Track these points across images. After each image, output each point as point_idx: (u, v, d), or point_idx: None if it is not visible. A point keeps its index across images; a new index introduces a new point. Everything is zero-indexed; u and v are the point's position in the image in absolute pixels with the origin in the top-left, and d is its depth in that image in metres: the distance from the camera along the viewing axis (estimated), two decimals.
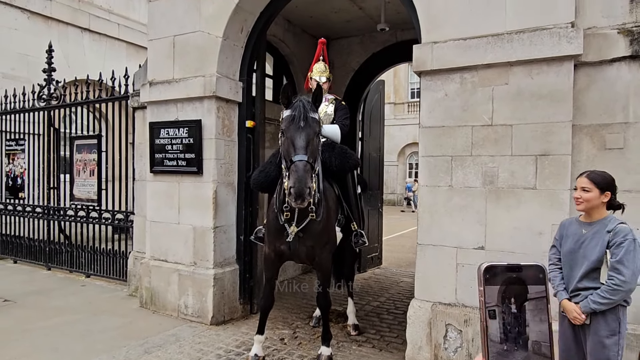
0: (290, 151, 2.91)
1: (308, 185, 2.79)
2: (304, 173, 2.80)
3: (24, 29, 8.90)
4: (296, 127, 2.96)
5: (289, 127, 2.98)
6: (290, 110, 3.03)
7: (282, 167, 3.05)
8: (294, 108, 3.02)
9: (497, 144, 3.20)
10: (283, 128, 3.01)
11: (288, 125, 2.98)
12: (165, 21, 4.89)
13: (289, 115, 3.02)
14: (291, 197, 2.78)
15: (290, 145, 2.92)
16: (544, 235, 3.05)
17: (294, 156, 2.86)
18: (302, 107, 3.01)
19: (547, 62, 3.05)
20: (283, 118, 3.09)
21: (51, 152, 7.08)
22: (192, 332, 4.37)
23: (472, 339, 3.22)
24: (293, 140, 2.92)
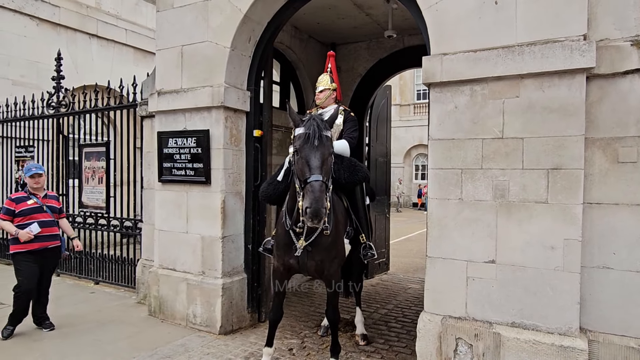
0: (305, 171, 2.88)
1: (324, 205, 2.80)
2: (320, 194, 2.80)
3: (33, 36, 8.97)
4: (311, 147, 2.93)
5: (303, 147, 2.94)
6: (304, 128, 2.99)
7: (296, 185, 3.02)
8: (307, 126, 2.99)
9: (508, 158, 3.17)
10: (297, 147, 2.97)
11: (302, 144, 2.95)
12: (173, 31, 4.90)
13: (302, 133, 2.98)
14: (307, 217, 2.77)
15: (305, 165, 2.90)
16: (556, 250, 3.02)
17: (310, 176, 2.84)
18: (316, 126, 2.98)
19: (558, 75, 3.01)
20: (296, 136, 3.06)
21: (60, 158, 7.13)
22: (200, 342, 4.37)
23: (482, 354, 3.20)
24: (308, 160, 2.91)
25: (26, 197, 4.52)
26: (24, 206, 4.46)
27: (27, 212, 4.44)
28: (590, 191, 3.06)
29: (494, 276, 3.22)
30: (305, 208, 2.77)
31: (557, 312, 3.02)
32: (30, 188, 4.55)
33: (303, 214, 2.82)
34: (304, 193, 2.84)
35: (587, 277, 3.06)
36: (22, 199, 4.51)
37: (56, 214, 4.70)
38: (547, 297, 3.05)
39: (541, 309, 3.07)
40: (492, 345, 3.17)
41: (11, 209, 4.43)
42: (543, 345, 3.00)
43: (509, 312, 3.17)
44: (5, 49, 8.52)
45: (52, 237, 4.55)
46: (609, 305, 3.03)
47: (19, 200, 4.48)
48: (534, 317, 3.09)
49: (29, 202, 4.49)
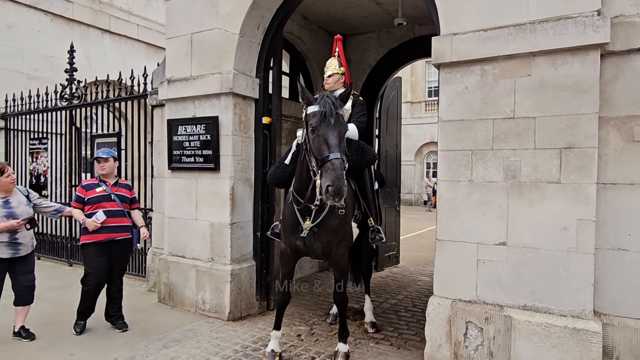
0: (324, 149, 2.81)
1: (345, 183, 2.74)
2: (341, 171, 2.74)
3: (47, 31, 9.11)
4: (328, 125, 2.86)
5: (320, 125, 2.86)
6: (318, 106, 2.92)
7: (312, 164, 2.91)
8: (322, 104, 2.91)
9: (520, 137, 3.11)
10: (314, 125, 2.88)
11: (319, 122, 2.86)
12: (182, 19, 4.93)
13: (317, 111, 2.90)
14: (329, 194, 2.69)
15: (324, 143, 2.82)
16: (569, 230, 2.95)
17: (330, 154, 2.77)
18: (332, 104, 2.92)
19: (571, 52, 2.95)
20: (310, 114, 2.97)
21: (73, 150, 7.22)
22: (209, 327, 4.38)
23: (493, 337, 3.14)
24: (326, 138, 2.83)
25: (96, 184, 4.22)
26: (93, 194, 4.15)
27: (95, 200, 4.13)
28: (605, 171, 2.99)
29: (504, 258, 3.16)
30: (327, 186, 2.69)
31: (570, 294, 2.96)
32: (98, 174, 4.27)
33: (324, 192, 2.72)
34: (323, 171, 2.76)
35: (601, 258, 2.99)
36: (92, 186, 4.21)
37: (126, 203, 4.32)
38: (560, 279, 2.98)
39: (553, 291, 3.01)
40: (503, 328, 3.11)
41: (81, 197, 4.15)
42: (555, 328, 2.94)
43: (520, 295, 3.11)
44: (19, 44, 8.67)
45: (119, 228, 4.18)
46: (624, 287, 2.96)
47: (88, 187, 4.20)
48: (546, 299, 3.03)
49: (97, 189, 4.18)
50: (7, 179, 3.89)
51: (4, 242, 3.82)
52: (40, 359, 3.67)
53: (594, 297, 2.94)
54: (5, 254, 3.83)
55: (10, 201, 3.94)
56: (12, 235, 3.85)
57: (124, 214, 4.24)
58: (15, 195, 4.01)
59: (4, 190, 3.93)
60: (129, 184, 4.56)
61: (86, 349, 3.85)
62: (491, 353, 3.15)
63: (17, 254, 3.90)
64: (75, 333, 4.13)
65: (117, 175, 4.44)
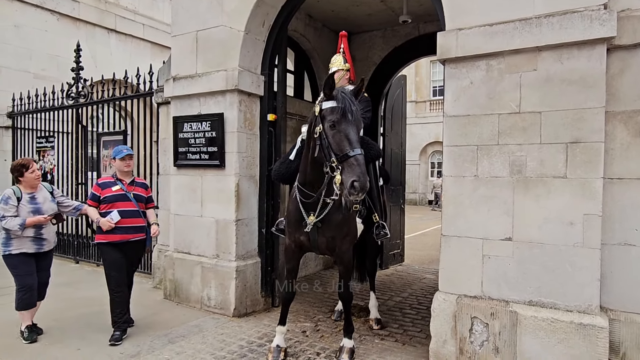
0: (345, 145, 2.81)
1: (368, 178, 2.78)
2: (364, 167, 2.78)
3: (53, 31, 9.17)
4: (348, 121, 2.88)
5: (340, 121, 2.86)
6: (335, 102, 2.92)
7: (332, 160, 2.87)
8: (339, 100, 2.91)
9: (525, 132, 3.10)
10: (334, 120, 2.88)
11: (340, 118, 2.87)
12: (188, 17, 4.95)
13: (335, 107, 2.90)
14: (354, 190, 2.70)
15: (345, 139, 2.83)
16: (575, 225, 2.94)
17: (352, 150, 2.79)
18: (349, 100, 2.93)
19: (578, 46, 2.93)
20: (326, 108, 2.96)
21: (79, 149, 7.27)
22: (214, 323, 4.40)
23: (499, 333, 3.13)
24: (347, 134, 2.85)
25: (112, 183, 4.06)
26: (108, 192, 4.00)
27: (110, 199, 3.98)
28: (611, 166, 2.97)
29: (510, 254, 3.15)
30: (352, 182, 2.69)
31: (576, 290, 2.95)
32: (119, 172, 4.09)
33: (348, 187, 2.72)
34: (346, 167, 2.76)
35: (608, 254, 2.97)
36: (108, 184, 4.06)
37: (142, 203, 4.14)
38: (566, 274, 2.97)
39: (559, 286, 2.99)
40: (508, 324, 3.10)
41: (97, 195, 4.01)
42: (561, 324, 2.92)
43: (526, 290, 3.10)
44: (26, 43, 8.74)
45: (134, 229, 4.01)
46: (630, 283, 2.94)
47: (104, 186, 4.05)
48: (552, 294, 3.02)
49: (113, 188, 4.02)
50: (32, 175, 3.90)
51: (30, 237, 3.86)
52: (47, 353, 3.70)
53: (600, 292, 2.92)
54: (30, 249, 3.88)
55: (37, 197, 3.96)
56: (37, 231, 3.89)
57: (140, 214, 4.08)
58: (40, 191, 4.03)
59: (30, 186, 3.95)
60: (145, 183, 4.40)
61: (92, 343, 3.88)
62: (497, 348, 3.14)
63: (41, 249, 3.94)
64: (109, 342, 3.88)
65: (133, 174, 4.29)
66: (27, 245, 3.87)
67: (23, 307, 3.92)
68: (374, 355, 3.70)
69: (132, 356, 3.62)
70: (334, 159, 2.83)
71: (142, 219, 4.12)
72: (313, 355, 3.67)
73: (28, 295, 3.91)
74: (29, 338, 3.90)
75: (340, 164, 2.80)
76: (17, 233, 3.79)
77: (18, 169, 3.90)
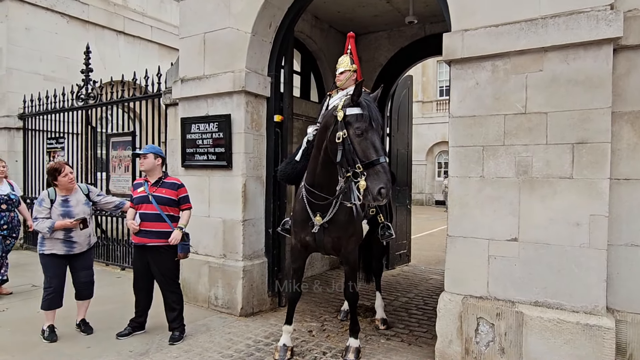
0: (371, 152, 2.89)
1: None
2: (389, 174, 2.90)
3: (63, 33, 9.30)
4: (373, 128, 2.96)
5: (367, 129, 2.94)
6: (361, 108, 2.98)
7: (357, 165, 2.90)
8: (364, 107, 2.97)
9: (531, 133, 3.10)
10: (361, 128, 2.94)
11: (367, 126, 2.94)
12: (195, 19, 5.01)
13: (361, 114, 2.96)
14: (380, 196, 2.80)
15: (371, 147, 2.90)
16: (582, 226, 2.94)
17: (378, 157, 2.87)
18: (374, 108, 3.01)
19: (584, 46, 2.93)
20: (352, 115, 2.99)
21: (88, 149, 7.37)
22: (222, 322, 4.44)
23: (504, 333, 3.14)
24: (373, 142, 2.92)
25: (140, 184, 3.99)
26: (136, 194, 3.95)
27: (137, 201, 3.90)
28: (618, 166, 2.97)
29: (516, 254, 3.16)
30: (380, 189, 2.79)
31: (582, 290, 2.94)
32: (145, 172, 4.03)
33: (374, 193, 2.81)
34: (372, 174, 2.84)
35: (615, 255, 2.96)
36: (137, 185, 4.01)
37: (164, 205, 3.85)
38: (572, 275, 2.97)
39: (565, 287, 2.99)
40: (514, 324, 3.11)
41: (132, 195, 4.00)
42: (568, 324, 2.92)
43: (532, 291, 3.10)
44: (37, 45, 8.87)
45: (153, 234, 3.80)
46: (638, 284, 2.93)
47: (136, 186, 4.04)
48: (558, 295, 3.02)
49: (139, 189, 3.95)
50: (65, 179, 3.92)
51: (59, 239, 3.91)
52: (57, 350, 3.76)
53: (607, 293, 2.92)
54: (60, 251, 3.93)
55: (70, 200, 3.98)
56: (67, 234, 3.92)
57: (160, 219, 3.81)
58: (75, 194, 4.03)
59: (65, 189, 3.98)
60: (176, 183, 4.00)
61: (102, 342, 3.93)
62: (502, 349, 3.15)
63: (71, 251, 3.97)
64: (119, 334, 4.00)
65: (164, 173, 4.06)
66: (57, 247, 3.92)
67: (46, 307, 3.99)
68: (380, 355, 3.72)
69: (141, 354, 3.67)
70: (359, 164, 2.89)
71: (164, 223, 3.84)
72: (319, 355, 3.69)
73: (52, 296, 3.97)
74: (49, 338, 3.94)
75: (365, 170, 2.87)
76: (47, 235, 3.86)
77: (52, 172, 3.93)
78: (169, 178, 4.03)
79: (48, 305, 3.98)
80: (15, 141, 8.59)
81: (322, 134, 3.26)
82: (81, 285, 4.12)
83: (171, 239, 3.82)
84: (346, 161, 2.97)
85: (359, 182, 2.87)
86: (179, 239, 3.84)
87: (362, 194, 2.86)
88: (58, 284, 3.98)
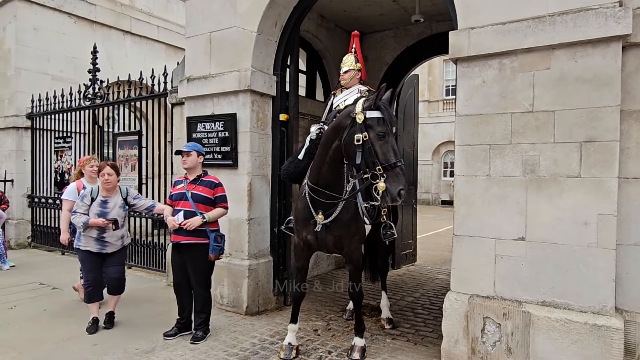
0: (391, 155, 2.95)
1: None
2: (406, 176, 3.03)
3: (71, 33, 9.36)
4: (392, 132, 3.04)
5: (388, 131, 3.01)
6: (380, 112, 3.02)
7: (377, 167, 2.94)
8: (383, 111, 3.03)
9: (539, 131, 3.08)
10: (381, 131, 2.99)
11: (388, 129, 3.01)
12: (201, 18, 5.02)
13: (382, 118, 3.01)
14: (399, 197, 2.88)
15: (391, 150, 2.97)
16: (590, 225, 2.91)
17: (397, 161, 2.94)
18: (391, 111, 3.11)
19: (592, 44, 2.90)
20: (372, 118, 3.02)
21: (96, 149, 7.41)
22: (227, 321, 4.45)
23: (511, 333, 3.11)
24: (393, 145, 3.00)
25: (180, 181, 3.99)
26: (174, 190, 3.97)
27: (174, 198, 3.91)
28: (627, 165, 2.93)
29: (523, 254, 3.13)
30: (399, 190, 2.87)
31: (590, 290, 2.91)
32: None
33: (394, 194, 2.87)
34: (392, 175, 2.90)
35: (623, 254, 2.93)
36: (178, 182, 4.03)
37: (199, 203, 3.81)
38: (580, 275, 2.94)
39: (573, 287, 2.96)
40: (521, 324, 3.08)
41: (171, 192, 4.03)
42: (575, 324, 2.89)
43: (539, 291, 3.08)
44: (45, 46, 8.93)
45: (185, 231, 3.77)
46: None
47: (175, 184, 4.06)
48: (565, 295, 2.99)
49: (178, 186, 3.96)
50: (102, 178, 4.08)
51: (93, 238, 4.09)
52: (64, 347, 3.79)
53: (615, 293, 2.88)
54: (93, 248, 4.11)
55: (108, 202, 4.13)
56: (100, 233, 4.08)
57: (194, 216, 3.78)
58: (114, 196, 4.18)
59: (105, 190, 4.13)
60: (213, 181, 3.95)
61: (108, 339, 3.96)
62: (509, 349, 3.13)
63: (103, 250, 4.13)
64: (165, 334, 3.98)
65: (204, 171, 4.03)
66: (91, 245, 4.10)
67: (87, 300, 4.21)
68: (386, 354, 3.71)
69: (147, 352, 3.69)
70: (379, 167, 2.93)
71: None
72: (325, 354, 3.69)
73: (91, 289, 4.16)
74: (89, 330, 4.11)
75: (385, 172, 2.92)
76: (81, 230, 4.06)
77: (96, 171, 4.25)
78: (208, 176, 4.00)
79: (89, 298, 4.19)
80: (24, 140, 8.67)
81: (333, 134, 3.27)
82: (111, 281, 4.24)
83: (188, 222, 3.74)
84: (365, 163, 3.01)
85: (377, 184, 2.92)
86: (194, 225, 3.75)
87: (380, 195, 2.92)
88: (94, 278, 4.16)
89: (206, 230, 3.82)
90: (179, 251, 3.91)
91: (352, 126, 3.09)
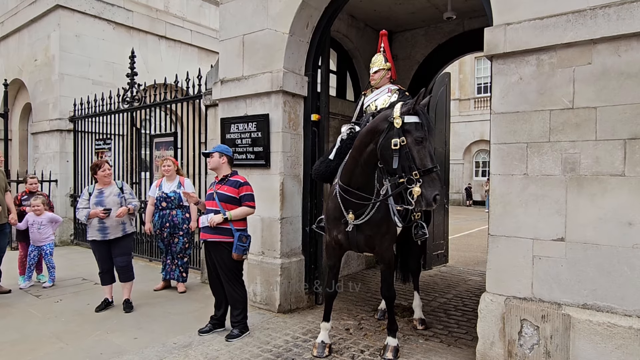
0: (428, 160, 2.97)
1: None
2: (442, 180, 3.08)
3: (110, 39, 9.75)
4: (429, 137, 3.05)
5: (426, 137, 3.02)
6: (418, 117, 3.04)
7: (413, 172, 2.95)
8: (421, 116, 3.04)
9: (579, 129, 2.98)
10: (420, 136, 3.00)
11: (426, 134, 3.02)
12: (234, 22, 5.13)
13: (420, 123, 3.02)
14: (435, 202, 2.89)
15: (428, 155, 2.99)
16: (634, 225, 2.79)
17: (434, 166, 2.96)
18: (430, 118, 3.13)
19: (637, 37, 2.79)
20: (411, 123, 3.03)
21: (133, 150, 7.69)
22: (260, 318, 4.53)
23: (550, 336, 3.03)
24: (430, 151, 3.03)
25: (213, 182, 4.16)
26: (209, 191, 4.14)
27: (207, 198, 4.10)
28: None
29: (563, 255, 3.04)
30: (435, 195, 2.88)
31: (635, 293, 2.80)
32: None
33: (430, 199, 2.88)
34: (428, 180, 2.91)
35: None
36: (212, 183, 4.17)
37: (224, 202, 3.88)
38: (624, 277, 2.83)
39: (617, 289, 2.86)
40: (561, 327, 3.00)
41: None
42: (619, 329, 2.79)
43: (580, 293, 2.98)
44: (86, 52, 9.35)
45: (212, 230, 3.87)
46: None
47: (211, 184, 4.20)
48: (608, 298, 2.88)
49: (210, 187, 4.16)
50: (102, 173, 4.72)
51: (96, 227, 4.65)
52: (107, 340, 3.95)
53: None
54: (97, 237, 4.66)
55: (104, 192, 4.73)
56: (100, 221, 4.62)
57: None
58: (110, 187, 4.79)
59: (102, 183, 4.76)
60: (239, 181, 4.00)
61: (147, 332, 4.11)
62: (548, 352, 3.04)
63: (105, 237, 4.65)
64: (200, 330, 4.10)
65: (233, 171, 4.12)
66: (95, 234, 4.66)
67: (102, 283, 4.86)
68: (419, 355, 3.68)
69: (185, 346, 3.80)
70: (416, 172, 2.95)
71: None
72: (357, 352, 3.70)
73: (102, 274, 4.80)
74: (97, 308, 4.73)
75: (421, 177, 2.93)
76: (85, 222, 4.69)
77: (94, 168, 4.77)
78: (235, 176, 4.06)
79: (102, 282, 4.84)
80: (66, 142, 9.10)
81: (368, 137, 3.27)
82: (119, 269, 4.79)
83: (210, 219, 3.84)
84: (401, 167, 3.01)
85: (412, 188, 2.92)
86: (215, 222, 3.83)
87: (415, 200, 2.93)
88: (103, 264, 4.76)
89: (231, 229, 3.88)
90: (208, 249, 4.05)
91: (389, 130, 3.09)
